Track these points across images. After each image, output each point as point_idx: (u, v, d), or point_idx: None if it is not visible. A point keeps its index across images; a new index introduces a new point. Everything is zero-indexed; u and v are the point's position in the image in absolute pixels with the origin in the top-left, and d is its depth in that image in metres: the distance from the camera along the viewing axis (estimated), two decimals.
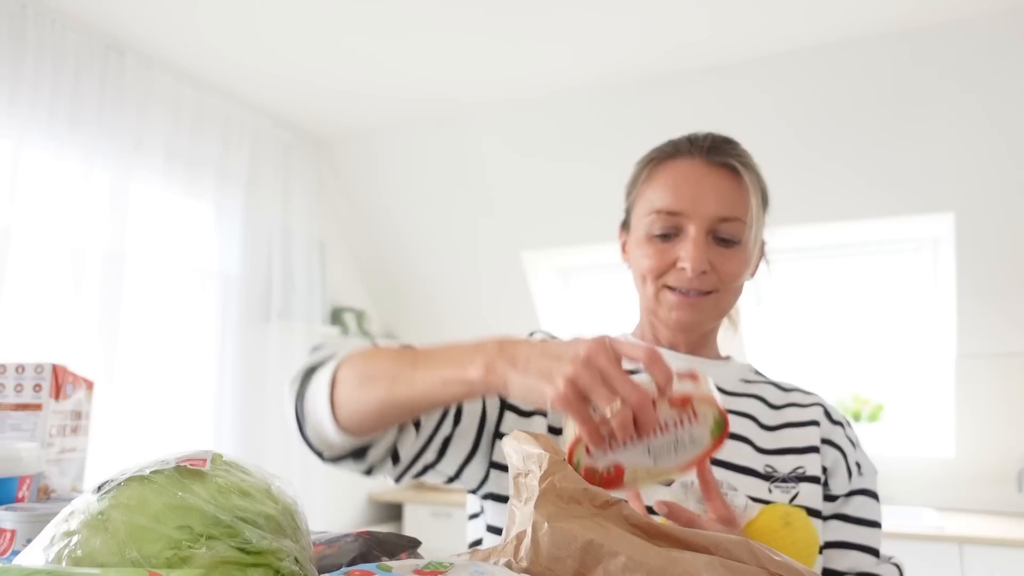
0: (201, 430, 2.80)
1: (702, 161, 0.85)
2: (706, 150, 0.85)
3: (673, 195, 0.84)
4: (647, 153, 0.91)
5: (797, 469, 0.82)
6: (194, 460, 0.44)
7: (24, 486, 0.74)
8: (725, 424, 0.60)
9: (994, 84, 2.46)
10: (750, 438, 0.84)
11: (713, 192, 0.83)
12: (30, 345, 2.22)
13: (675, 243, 0.84)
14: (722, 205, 0.82)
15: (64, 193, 2.34)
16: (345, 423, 0.73)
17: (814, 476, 0.82)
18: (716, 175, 0.84)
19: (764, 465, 0.82)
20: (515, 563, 0.46)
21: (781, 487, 0.81)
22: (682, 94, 2.80)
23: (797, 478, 0.82)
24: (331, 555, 0.61)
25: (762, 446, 0.83)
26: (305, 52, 2.65)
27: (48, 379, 0.90)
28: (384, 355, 0.73)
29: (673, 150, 0.87)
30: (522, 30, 2.48)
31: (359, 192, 3.63)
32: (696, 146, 0.86)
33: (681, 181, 0.84)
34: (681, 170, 0.85)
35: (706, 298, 0.84)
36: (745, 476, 0.80)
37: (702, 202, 0.82)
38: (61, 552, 0.39)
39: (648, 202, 0.86)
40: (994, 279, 2.75)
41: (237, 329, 2.95)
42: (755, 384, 0.92)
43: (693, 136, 0.88)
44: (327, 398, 0.73)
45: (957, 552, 2.45)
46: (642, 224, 0.86)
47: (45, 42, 2.29)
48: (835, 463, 0.85)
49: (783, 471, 0.82)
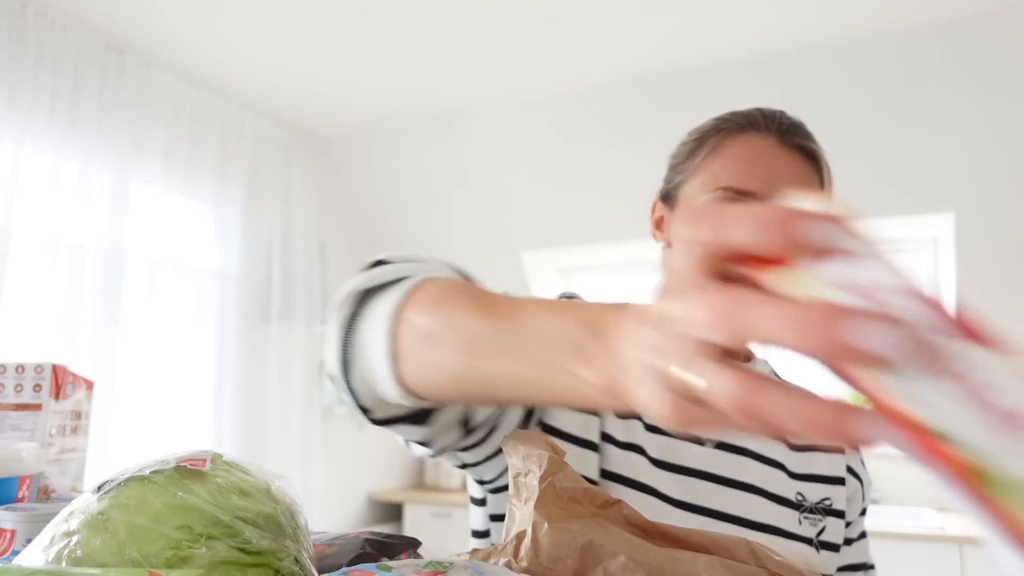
0: (201, 430, 2.80)
1: (777, 140, 0.77)
2: (783, 129, 0.78)
3: (746, 172, 0.76)
4: (711, 123, 0.82)
5: (824, 500, 0.80)
6: (194, 460, 0.44)
7: (24, 486, 0.74)
8: None
9: (994, 84, 2.46)
10: (783, 463, 0.80)
11: (789, 176, 0.76)
12: (30, 345, 2.22)
13: None
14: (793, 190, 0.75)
15: (64, 193, 2.34)
16: (410, 379, 0.51)
17: (840, 511, 0.81)
18: (791, 157, 0.77)
19: (796, 493, 0.79)
20: (515, 563, 0.46)
21: (810, 519, 0.78)
22: (681, 94, 2.80)
23: (824, 510, 0.79)
24: (331, 555, 0.61)
25: (794, 470, 0.80)
26: (305, 52, 2.65)
27: (48, 379, 0.90)
28: (462, 301, 0.49)
29: (745, 123, 0.79)
30: (522, 31, 2.48)
31: (359, 192, 3.63)
32: (772, 123, 0.78)
33: (756, 158, 0.76)
34: (756, 146, 0.77)
35: None
36: (779, 506, 0.77)
37: (778, 185, 0.75)
38: (61, 552, 0.39)
39: (713, 176, 0.77)
40: (994, 279, 2.75)
41: (237, 329, 2.95)
42: None
43: (767, 111, 0.80)
44: (387, 343, 0.51)
45: (957, 553, 2.44)
46: (700, 200, 0.77)
47: (45, 42, 2.29)
48: (854, 494, 0.83)
49: (812, 500, 0.79)
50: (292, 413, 3.14)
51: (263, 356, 3.07)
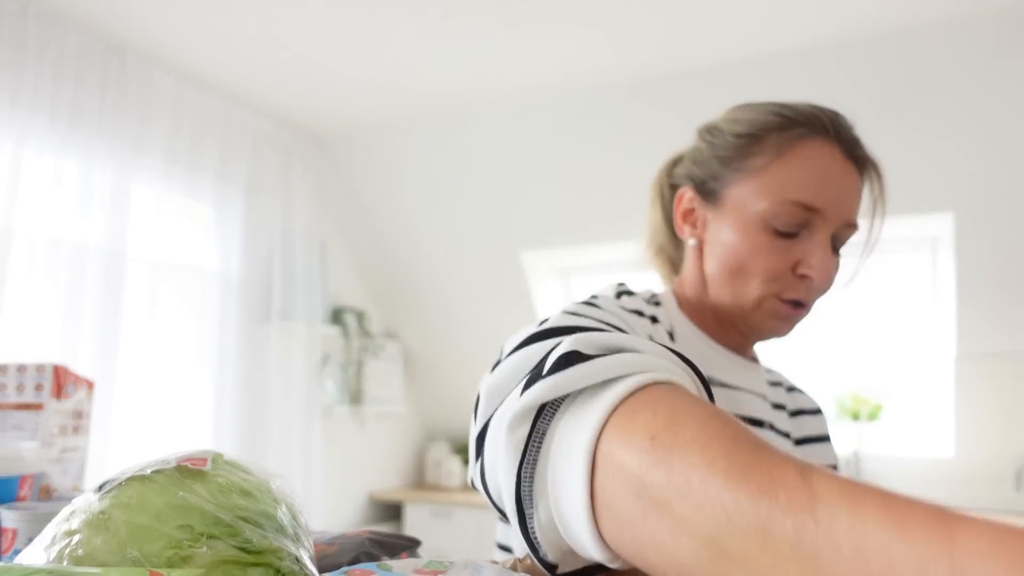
0: (201, 430, 2.80)
1: (842, 152, 0.71)
2: (846, 138, 0.72)
3: (817, 187, 0.69)
4: (768, 117, 0.72)
5: None
6: (195, 460, 0.44)
7: (25, 485, 0.74)
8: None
9: (994, 84, 2.46)
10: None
11: (852, 193, 0.71)
12: (31, 345, 2.22)
13: (797, 243, 0.71)
14: (853, 210, 0.71)
15: (65, 194, 2.34)
16: (612, 539, 0.36)
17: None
18: (853, 172, 0.72)
19: None
20: (519, 563, 0.46)
21: None
22: (681, 94, 2.80)
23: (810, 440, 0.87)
24: (331, 555, 0.61)
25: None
26: (305, 53, 2.65)
27: (49, 379, 0.90)
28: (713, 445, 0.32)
29: (810, 125, 0.71)
30: (522, 31, 2.48)
31: (359, 192, 3.63)
32: (839, 130, 0.72)
33: (826, 172, 0.70)
34: (825, 157, 0.70)
35: (802, 312, 0.74)
36: None
37: (843, 204, 0.70)
38: (62, 551, 0.39)
39: (780, 187, 0.70)
40: (993, 279, 2.75)
41: (237, 329, 2.95)
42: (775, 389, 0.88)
43: (827, 112, 0.73)
44: (584, 488, 0.36)
45: None
46: (759, 208, 0.70)
47: (46, 43, 2.29)
48: None
49: None
50: (292, 413, 3.15)
51: (263, 356, 3.08)
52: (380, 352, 3.74)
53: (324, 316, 3.41)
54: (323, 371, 3.40)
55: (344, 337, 3.53)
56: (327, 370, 3.42)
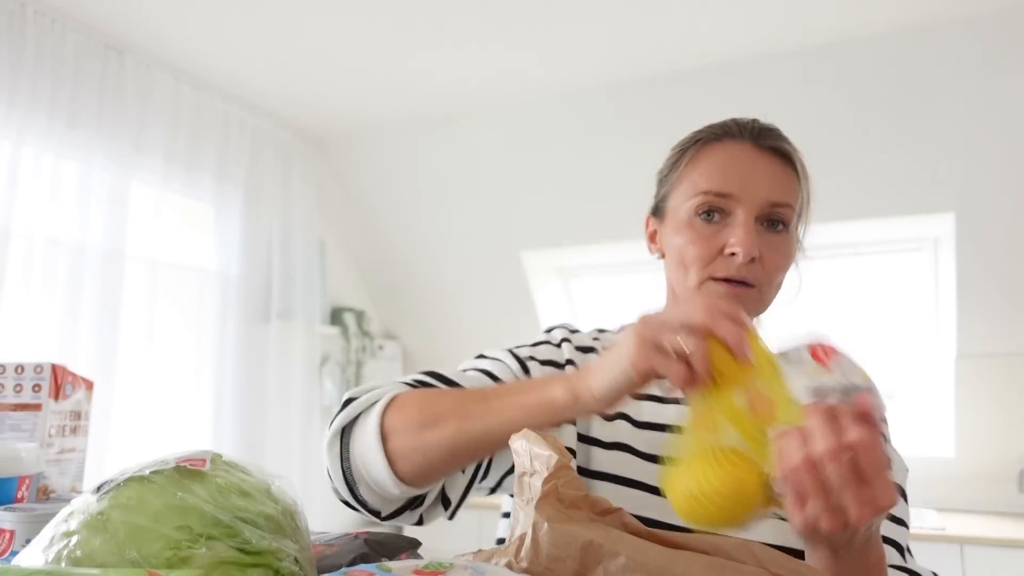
0: (201, 430, 2.80)
1: (751, 145, 0.82)
2: (756, 134, 0.83)
3: (723, 176, 0.80)
4: (689, 136, 0.87)
5: None
6: (194, 460, 0.44)
7: (23, 486, 0.74)
8: None
9: (995, 84, 2.46)
10: None
11: (764, 176, 0.80)
12: (29, 345, 2.22)
13: (721, 228, 0.80)
14: (773, 190, 0.80)
15: (64, 193, 2.34)
16: (406, 473, 0.69)
17: None
18: (766, 159, 0.82)
19: None
20: (515, 563, 0.46)
21: None
22: (681, 94, 2.79)
23: None
24: (331, 555, 0.61)
25: None
26: (305, 52, 2.64)
27: (48, 379, 0.90)
28: (444, 395, 0.70)
29: (721, 132, 0.84)
30: (522, 31, 2.48)
31: (359, 192, 3.63)
32: (744, 129, 0.83)
33: (731, 163, 0.81)
34: (731, 152, 0.82)
35: (750, 291, 0.80)
36: None
37: (753, 185, 0.79)
38: (60, 552, 0.39)
39: (693, 184, 0.82)
40: (994, 279, 2.75)
41: (237, 329, 2.95)
42: None
43: (740, 120, 0.85)
44: (380, 451, 0.68)
45: (958, 552, 2.44)
46: (684, 208, 0.82)
47: (45, 42, 2.29)
48: None
49: None
50: (292, 413, 3.14)
51: (263, 356, 3.07)
52: (379, 352, 3.73)
53: (323, 316, 3.41)
54: (322, 371, 3.39)
55: (343, 337, 3.53)
56: (326, 370, 3.42)
